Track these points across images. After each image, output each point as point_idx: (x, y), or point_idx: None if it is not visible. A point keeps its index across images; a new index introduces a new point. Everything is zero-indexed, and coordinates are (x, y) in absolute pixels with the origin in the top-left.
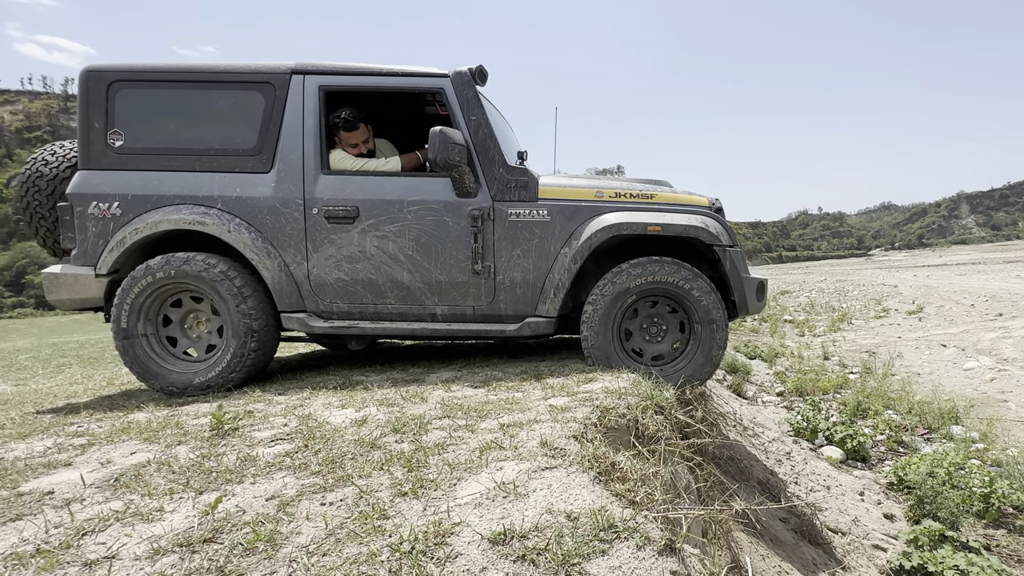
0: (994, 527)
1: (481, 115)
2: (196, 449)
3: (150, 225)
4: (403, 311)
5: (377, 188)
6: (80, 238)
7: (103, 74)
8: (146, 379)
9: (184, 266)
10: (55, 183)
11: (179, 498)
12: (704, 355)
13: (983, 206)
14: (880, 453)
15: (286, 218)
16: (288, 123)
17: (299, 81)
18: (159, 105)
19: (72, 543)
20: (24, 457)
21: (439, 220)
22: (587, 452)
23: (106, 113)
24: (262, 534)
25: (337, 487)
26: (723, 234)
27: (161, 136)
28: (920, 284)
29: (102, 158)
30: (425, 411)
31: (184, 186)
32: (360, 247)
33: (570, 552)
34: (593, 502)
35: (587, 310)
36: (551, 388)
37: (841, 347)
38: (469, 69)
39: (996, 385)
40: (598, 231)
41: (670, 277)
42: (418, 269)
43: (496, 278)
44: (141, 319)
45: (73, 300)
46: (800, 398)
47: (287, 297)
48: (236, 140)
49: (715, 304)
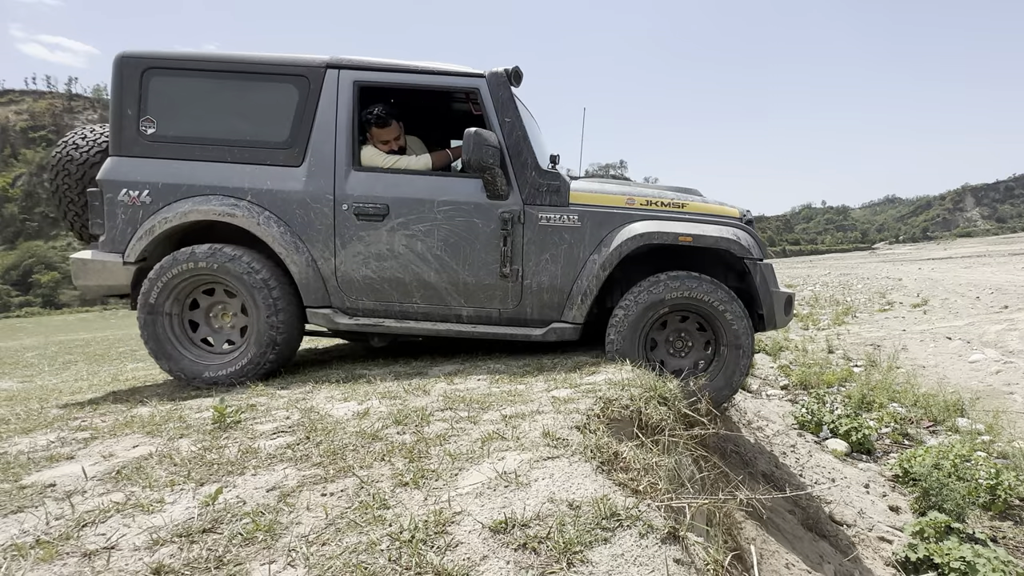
0: (1000, 519)
1: (515, 117)
2: (198, 442)
3: (179, 215)
4: (428, 311)
5: (408, 186)
6: (109, 224)
7: (138, 60)
8: (158, 357)
9: (228, 263)
10: (85, 167)
11: (180, 490)
12: (725, 379)
13: (988, 199)
14: (885, 446)
15: (315, 213)
16: (321, 117)
17: (334, 75)
18: (192, 94)
19: (72, 534)
20: (27, 451)
21: (469, 221)
22: (590, 442)
23: (139, 100)
24: (262, 524)
25: (338, 478)
26: (754, 247)
27: (193, 125)
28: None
29: (133, 145)
30: (427, 403)
31: (214, 177)
32: (388, 245)
33: (572, 540)
34: (595, 491)
35: (617, 314)
36: (554, 380)
37: (845, 340)
38: (505, 70)
39: (1002, 377)
40: (628, 239)
41: (706, 296)
42: (446, 269)
43: (523, 282)
44: (170, 299)
45: (100, 287)
46: (805, 391)
47: (313, 292)
48: (268, 132)
49: (745, 330)
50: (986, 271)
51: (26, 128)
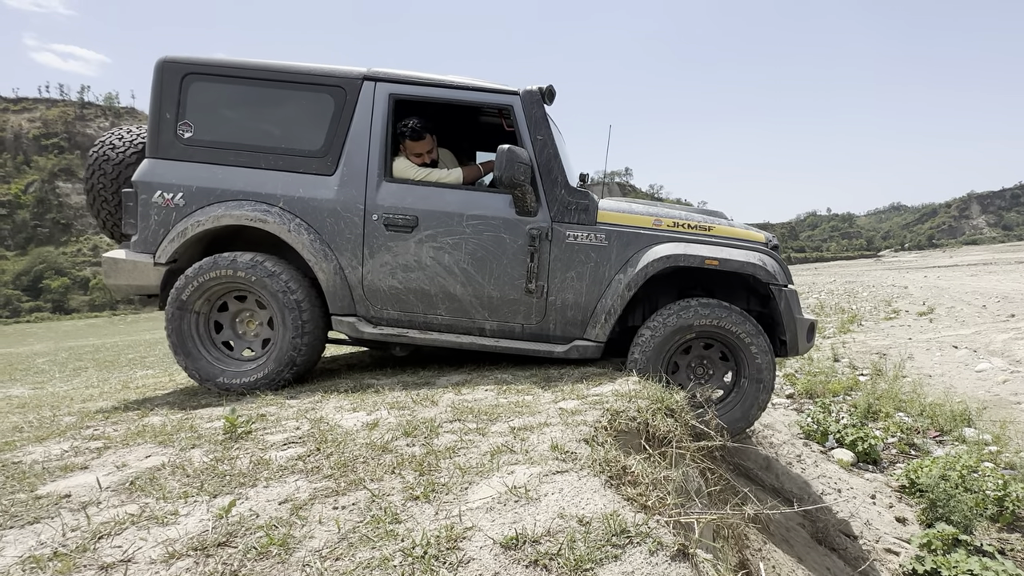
0: (1008, 531)
1: (548, 135)
2: (210, 452)
3: (212, 219)
4: (452, 323)
5: (438, 199)
6: (142, 225)
7: (178, 65)
8: (177, 352)
9: (268, 279)
10: (120, 167)
11: (193, 502)
12: (742, 411)
13: (994, 206)
14: (891, 456)
15: (346, 222)
16: (356, 128)
17: (370, 87)
18: (230, 100)
19: (89, 546)
20: (42, 460)
21: (497, 236)
22: (598, 456)
23: (178, 104)
24: (275, 538)
25: (349, 491)
26: (779, 273)
27: (229, 131)
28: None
29: (170, 148)
30: (436, 414)
31: (248, 182)
32: (416, 256)
33: (583, 557)
34: (605, 506)
35: (644, 334)
36: (561, 391)
37: (851, 349)
38: (539, 88)
39: (1009, 387)
40: (655, 260)
41: (734, 327)
42: (471, 283)
43: (548, 298)
44: (202, 299)
45: (130, 286)
46: (810, 400)
47: (339, 300)
48: (302, 141)
49: (768, 365)
50: (992, 279)
51: (39, 136)
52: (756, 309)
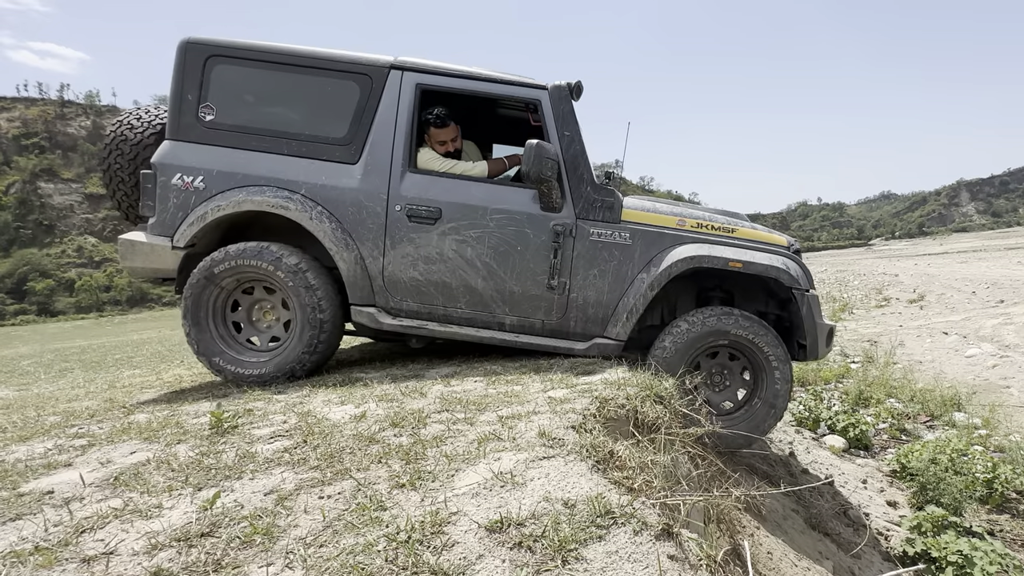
0: (997, 512)
1: (575, 131)
2: (195, 447)
3: (233, 204)
4: (472, 317)
5: (463, 192)
6: (160, 208)
7: (202, 47)
8: (186, 316)
9: (303, 290)
10: (138, 148)
11: (178, 495)
12: (746, 429)
13: (983, 193)
14: (882, 441)
15: (368, 212)
16: (381, 117)
17: (397, 76)
18: (254, 84)
19: (71, 541)
20: (25, 459)
21: (521, 231)
22: (585, 441)
23: (200, 86)
24: (259, 527)
25: (335, 481)
26: (802, 277)
27: (252, 115)
28: (921, 273)
29: (191, 131)
30: (424, 405)
31: (270, 168)
32: (438, 249)
33: (567, 538)
34: (591, 489)
35: (681, 326)
36: (550, 381)
37: (842, 337)
38: (568, 84)
39: (998, 371)
40: (679, 261)
41: (766, 347)
42: (493, 277)
43: (570, 295)
44: (232, 278)
45: (147, 269)
46: (802, 388)
47: (359, 291)
48: (326, 128)
49: (785, 394)
50: (982, 266)
51: (18, 136)
52: (774, 312)
